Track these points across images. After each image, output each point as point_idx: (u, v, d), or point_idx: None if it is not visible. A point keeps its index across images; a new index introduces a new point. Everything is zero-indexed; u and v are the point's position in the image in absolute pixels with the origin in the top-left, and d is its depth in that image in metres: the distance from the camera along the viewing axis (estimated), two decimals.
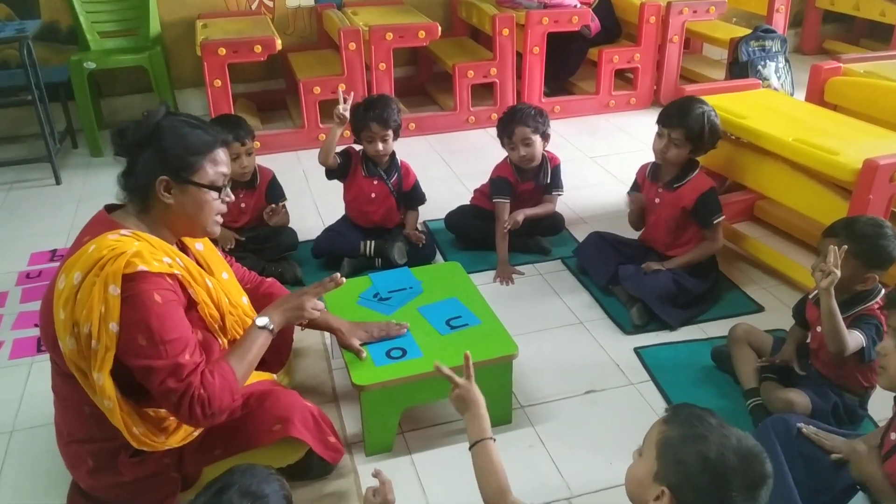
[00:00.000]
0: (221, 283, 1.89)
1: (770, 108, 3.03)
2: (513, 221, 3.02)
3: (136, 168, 1.71)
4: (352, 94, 3.06)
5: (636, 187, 2.98)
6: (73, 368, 1.64)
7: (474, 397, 1.62)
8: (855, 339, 2.00)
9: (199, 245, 1.92)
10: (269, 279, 2.23)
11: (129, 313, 1.59)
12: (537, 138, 3.05)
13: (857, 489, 1.82)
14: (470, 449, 1.58)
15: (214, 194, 1.76)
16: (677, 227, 2.81)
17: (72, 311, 1.59)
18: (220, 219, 1.82)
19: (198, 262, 1.88)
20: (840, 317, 1.96)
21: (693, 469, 1.23)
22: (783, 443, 1.87)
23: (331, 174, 3.09)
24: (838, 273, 1.91)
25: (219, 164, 1.76)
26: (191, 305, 1.73)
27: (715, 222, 2.76)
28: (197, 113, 4.95)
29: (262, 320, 1.84)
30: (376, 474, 1.61)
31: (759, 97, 3.19)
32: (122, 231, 1.67)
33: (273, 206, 3.02)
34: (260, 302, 2.08)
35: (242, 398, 1.82)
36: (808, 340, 2.24)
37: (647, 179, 2.91)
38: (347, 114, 2.92)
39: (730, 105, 2.94)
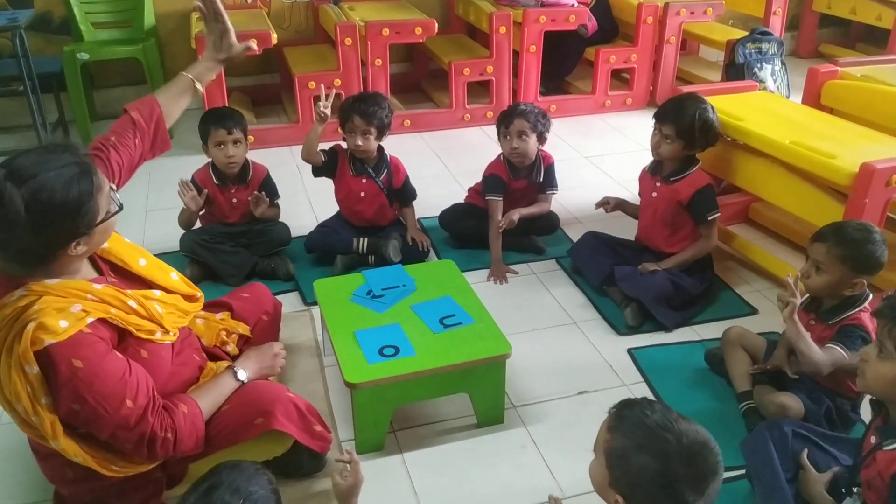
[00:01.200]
0: (143, 272, 1.81)
1: (767, 110, 3.02)
2: (507, 221, 3.00)
3: (26, 251, 1.54)
4: (333, 90, 2.99)
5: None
6: (29, 433, 1.63)
7: None
8: (833, 354, 2.00)
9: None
10: (132, 111, 1.96)
11: (56, 387, 1.54)
12: (533, 136, 3.03)
13: (846, 493, 1.80)
14: None
15: (113, 215, 1.66)
16: (673, 223, 2.81)
17: (1, 391, 1.55)
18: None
19: (111, 265, 1.79)
20: (809, 342, 1.98)
21: (640, 479, 1.27)
22: (778, 447, 1.88)
23: (317, 171, 3.06)
24: (797, 301, 1.96)
25: (103, 192, 1.60)
26: (123, 333, 1.66)
27: (710, 218, 2.76)
28: (191, 106, 4.91)
29: (242, 374, 1.88)
30: (345, 454, 1.65)
31: (756, 99, 3.18)
32: (18, 292, 1.55)
33: (257, 193, 2.96)
34: (159, 136, 1.97)
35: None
36: None
37: (647, 174, 2.92)
38: (328, 111, 2.88)
39: (727, 107, 2.92)
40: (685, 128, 2.70)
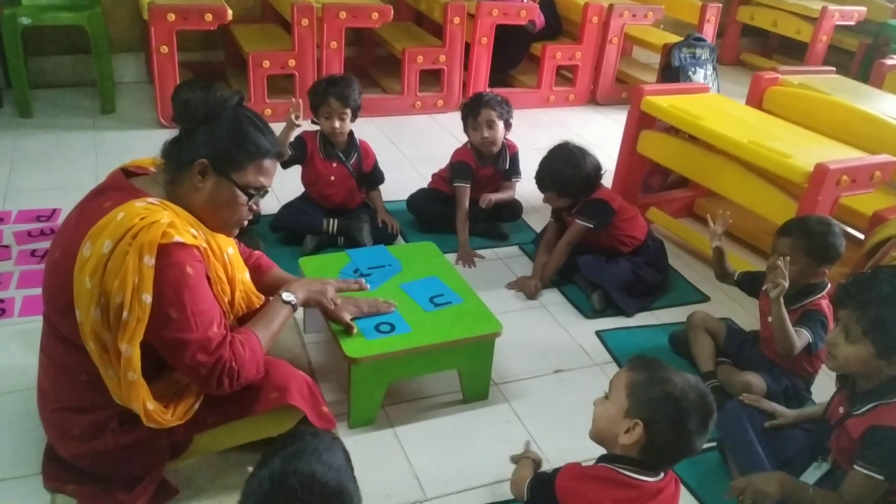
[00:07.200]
0: (231, 259, 1.87)
1: (721, 111, 3.21)
2: (487, 200, 3.11)
3: (185, 141, 1.71)
4: (299, 101, 2.97)
5: None
6: (92, 339, 1.59)
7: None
8: (802, 337, 2.18)
9: None
10: (256, 252, 2.21)
11: (163, 286, 1.57)
12: (500, 123, 3.13)
13: (812, 457, 1.98)
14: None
15: (245, 199, 1.76)
16: (594, 240, 2.94)
17: (101, 280, 1.55)
18: (239, 225, 1.83)
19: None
20: (789, 323, 2.15)
21: (661, 404, 1.50)
22: (749, 418, 2.05)
23: (286, 164, 3.04)
24: (786, 284, 2.11)
25: (262, 174, 1.77)
26: (207, 279, 1.72)
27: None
28: (134, 80, 4.78)
29: (287, 295, 1.91)
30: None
31: (709, 101, 3.37)
32: (150, 199, 1.64)
33: None
34: (250, 274, 2.07)
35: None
36: (760, 329, 2.42)
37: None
38: (299, 121, 2.91)
39: (686, 106, 3.10)
40: (561, 185, 2.85)
